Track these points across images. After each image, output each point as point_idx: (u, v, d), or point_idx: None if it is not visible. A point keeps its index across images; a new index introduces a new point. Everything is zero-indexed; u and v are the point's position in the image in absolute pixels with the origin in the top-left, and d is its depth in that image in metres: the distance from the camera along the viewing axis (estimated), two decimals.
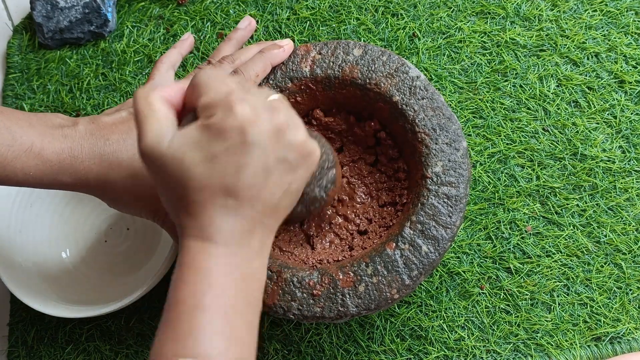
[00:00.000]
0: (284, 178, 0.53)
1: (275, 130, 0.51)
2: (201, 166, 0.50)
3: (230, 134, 0.50)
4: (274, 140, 0.51)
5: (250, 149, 0.50)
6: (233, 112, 0.49)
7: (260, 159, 0.51)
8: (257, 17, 0.89)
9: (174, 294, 0.52)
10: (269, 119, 0.51)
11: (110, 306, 0.73)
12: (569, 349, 0.74)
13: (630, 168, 0.79)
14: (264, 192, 0.52)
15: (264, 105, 0.52)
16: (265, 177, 0.52)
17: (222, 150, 0.50)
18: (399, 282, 0.63)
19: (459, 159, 0.65)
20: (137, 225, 0.84)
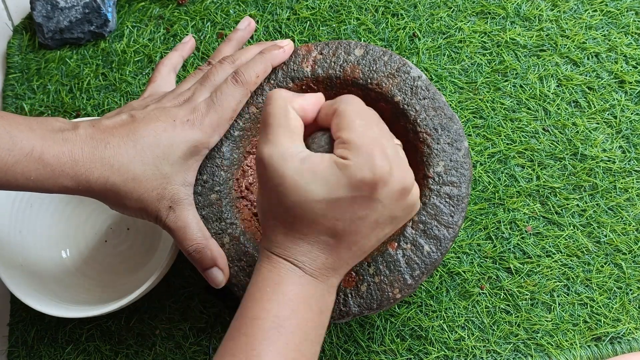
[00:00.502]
0: (386, 230, 0.54)
1: (401, 192, 0.52)
2: (321, 204, 0.50)
3: (363, 186, 0.50)
4: (396, 201, 0.52)
5: (374, 205, 0.51)
6: (373, 165, 0.50)
7: (377, 215, 0.52)
8: (257, 17, 0.89)
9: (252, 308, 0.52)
10: (401, 179, 0.51)
11: (110, 306, 0.73)
12: (569, 349, 0.74)
13: (631, 168, 0.79)
14: (364, 240, 0.53)
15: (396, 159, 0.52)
16: (373, 229, 0.53)
17: (347, 197, 0.50)
18: (401, 281, 0.63)
19: (460, 158, 0.65)
20: (137, 225, 0.84)
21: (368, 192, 0.50)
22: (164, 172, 0.64)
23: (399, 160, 0.52)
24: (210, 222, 0.67)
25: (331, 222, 0.51)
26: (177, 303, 0.80)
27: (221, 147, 0.68)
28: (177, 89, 0.70)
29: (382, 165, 0.50)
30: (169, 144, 0.64)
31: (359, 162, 0.50)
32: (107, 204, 0.66)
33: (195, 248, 0.65)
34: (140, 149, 0.63)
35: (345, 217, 0.51)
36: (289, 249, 0.53)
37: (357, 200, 0.50)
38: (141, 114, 0.65)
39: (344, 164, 0.50)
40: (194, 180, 0.67)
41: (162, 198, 0.64)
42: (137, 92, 0.87)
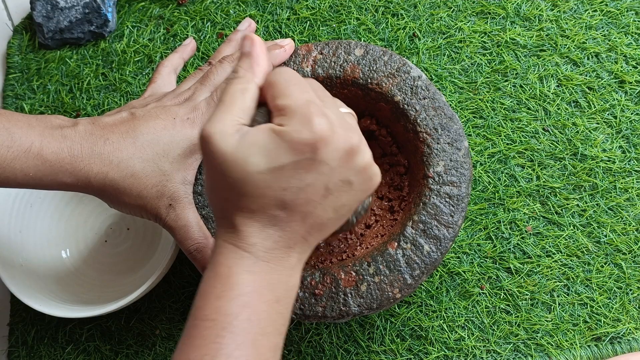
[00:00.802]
0: (341, 199, 0.52)
1: (348, 151, 0.50)
2: (264, 175, 0.49)
3: (304, 148, 0.48)
4: (344, 161, 0.50)
5: (319, 167, 0.49)
6: (311, 124, 0.48)
7: (325, 178, 0.50)
8: (257, 17, 0.89)
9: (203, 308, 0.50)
10: (345, 138, 0.50)
11: (110, 306, 0.73)
12: (569, 349, 0.74)
13: (631, 168, 0.79)
14: (318, 209, 0.51)
15: (340, 120, 0.50)
16: (324, 195, 0.51)
17: (290, 163, 0.48)
18: (401, 281, 0.63)
19: (460, 158, 0.65)
20: (137, 225, 0.84)
21: (310, 153, 0.48)
22: (163, 170, 0.64)
23: (342, 122, 0.50)
24: (211, 221, 0.67)
25: (278, 193, 0.49)
26: (177, 303, 0.80)
27: None
28: (177, 88, 0.70)
29: (320, 124, 0.48)
30: (169, 142, 0.64)
31: (296, 124, 0.48)
32: (106, 201, 0.65)
33: (196, 247, 0.65)
34: (140, 146, 0.63)
35: (292, 185, 0.49)
36: (238, 233, 0.51)
37: (300, 164, 0.48)
38: (141, 112, 0.65)
39: (281, 130, 0.48)
40: (194, 179, 0.67)
41: (162, 196, 0.64)
42: (137, 92, 0.87)
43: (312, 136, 0.48)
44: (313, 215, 0.51)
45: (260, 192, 0.49)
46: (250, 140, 0.49)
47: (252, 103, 0.51)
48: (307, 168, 0.49)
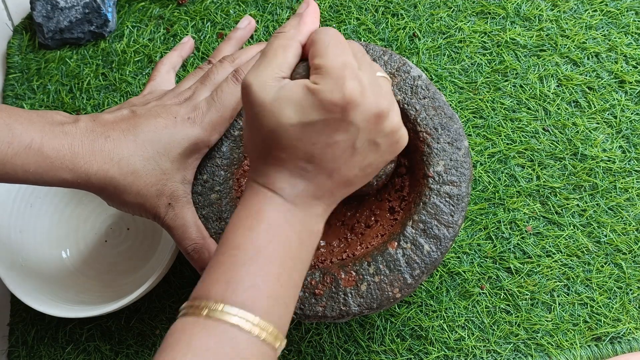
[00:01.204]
0: (368, 158, 0.54)
1: (377, 115, 0.52)
2: (295, 128, 0.50)
3: (334, 108, 0.50)
4: (372, 124, 0.52)
5: (347, 127, 0.51)
6: (343, 87, 0.50)
7: (353, 138, 0.52)
8: (257, 17, 0.89)
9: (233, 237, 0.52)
10: (374, 103, 0.51)
11: (110, 306, 0.73)
12: (569, 349, 0.74)
13: (631, 168, 0.79)
14: (344, 167, 0.53)
15: (372, 86, 0.52)
16: (351, 154, 0.52)
17: (320, 120, 0.50)
18: (401, 281, 0.63)
19: (460, 158, 0.65)
20: (137, 225, 0.84)
21: (340, 114, 0.50)
22: (164, 168, 0.64)
23: (375, 87, 0.52)
24: (211, 221, 0.67)
25: (307, 146, 0.51)
26: (177, 303, 0.80)
27: (221, 146, 0.69)
28: (177, 87, 0.70)
29: (352, 87, 0.50)
30: (169, 141, 0.64)
31: (329, 84, 0.50)
32: (105, 199, 0.65)
33: (194, 247, 0.65)
34: (141, 144, 0.63)
35: (321, 141, 0.51)
36: (269, 177, 0.53)
37: (330, 123, 0.50)
38: (142, 110, 0.65)
39: (315, 88, 0.50)
40: (193, 179, 0.67)
41: (162, 194, 0.64)
42: (137, 92, 0.87)
43: (343, 98, 0.50)
44: (340, 172, 0.53)
45: (291, 144, 0.51)
46: (285, 94, 0.51)
47: (293, 59, 0.54)
48: (336, 127, 0.51)
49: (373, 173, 0.56)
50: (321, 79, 0.50)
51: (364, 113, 0.51)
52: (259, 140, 0.53)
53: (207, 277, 0.51)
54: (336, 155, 0.52)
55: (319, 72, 0.51)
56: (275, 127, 0.51)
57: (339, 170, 0.53)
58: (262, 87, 0.51)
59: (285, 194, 0.53)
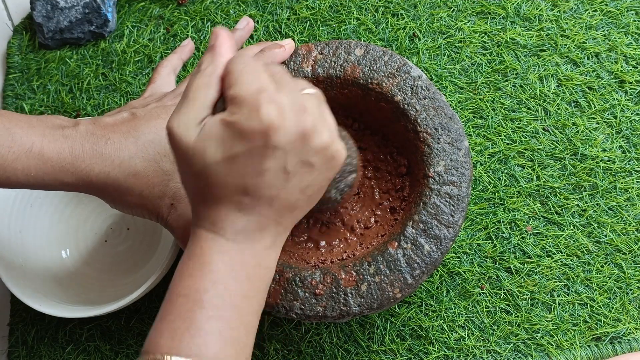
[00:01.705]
0: (305, 179, 0.52)
1: (301, 135, 0.50)
2: (221, 164, 0.50)
3: (253, 136, 0.49)
4: (298, 144, 0.50)
5: (272, 153, 0.49)
6: (259, 114, 0.48)
7: (281, 162, 0.50)
8: (257, 17, 0.89)
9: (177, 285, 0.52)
10: (295, 123, 0.50)
11: (110, 306, 0.73)
12: (569, 349, 0.74)
13: (631, 168, 0.79)
14: (282, 193, 0.52)
15: (293, 106, 0.50)
16: (285, 179, 0.51)
17: (243, 152, 0.49)
18: (401, 281, 0.63)
19: (460, 158, 0.65)
20: (137, 225, 0.84)
21: (262, 140, 0.49)
22: (165, 169, 0.64)
23: (297, 106, 0.50)
24: None
25: (238, 180, 0.50)
26: None
27: None
28: (177, 88, 0.70)
29: (269, 111, 0.48)
30: None
31: (245, 113, 0.49)
32: (107, 201, 0.65)
33: None
34: (142, 146, 0.63)
35: (250, 172, 0.50)
36: (208, 218, 0.52)
37: (254, 151, 0.49)
38: (142, 112, 0.65)
39: (231, 120, 0.49)
40: None
41: (164, 195, 0.64)
42: (137, 92, 0.87)
43: (260, 124, 0.48)
44: (279, 198, 0.52)
45: (221, 181, 0.50)
46: (206, 132, 0.50)
47: (214, 95, 0.52)
48: (261, 154, 0.49)
49: (318, 193, 0.55)
50: (237, 109, 0.49)
51: (286, 135, 0.49)
52: (192, 183, 0.52)
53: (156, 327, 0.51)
54: (270, 183, 0.51)
55: (233, 102, 0.50)
56: (203, 167, 0.50)
57: (278, 196, 0.52)
58: (185, 130, 0.50)
59: (226, 233, 0.52)
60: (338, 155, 0.53)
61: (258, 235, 0.53)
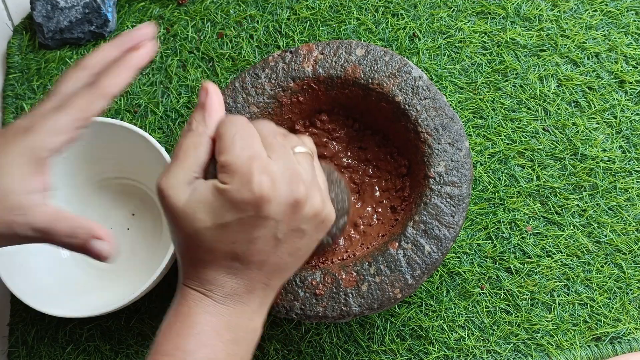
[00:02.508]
0: (296, 244, 0.53)
1: (292, 205, 0.50)
2: (211, 230, 0.50)
3: (245, 206, 0.49)
4: (290, 214, 0.51)
5: (264, 222, 0.50)
6: (251, 185, 0.48)
7: (272, 231, 0.50)
8: (257, 17, 0.89)
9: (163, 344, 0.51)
10: (287, 193, 0.50)
11: (110, 306, 0.73)
12: (569, 349, 0.74)
13: (631, 168, 0.79)
14: (272, 257, 0.52)
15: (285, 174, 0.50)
16: (275, 245, 0.51)
17: (234, 220, 0.49)
18: (401, 281, 0.63)
19: (461, 158, 0.65)
20: (137, 225, 0.84)
21: (253, 211, 0.49)
22: None
23: (290, 172, 0.51)
24: None
25: (228, 247, 0.50)
26: None
27: None
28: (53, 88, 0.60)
29: (261, 183, 0.48)
30: None
31: (237, 183, 0.49)
32: None
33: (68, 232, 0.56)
34: None
35: (240, 239, 0.50)
36: (197, 278, 0.52)
37: (245, 221, 0.49)
38: None
39: (223, 188, 0.49)
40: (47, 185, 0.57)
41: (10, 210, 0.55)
42: (137, 92, 0.87)
43: (252, 195, 0.48)
44: (269, 263, 0.52)
45: (211, 246, 0.50)
46: (197, 197, 0.50)
47: (205, 156, 0.52)
48: (252, 224, 0.50)
49: (307, 253, 0.55)
50: (228, 177, 0.49)
51: (279, 206, 0.49)
52: (182, 243, 0.52)
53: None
54: (260, 249, 0.51)
55: (225, 170, 0.49)
56: (192, 231, 0.50)
57: (268, 261, 0.52)
58: (175, 192, 0.50)
59: (214, 295, 0.52)
60: (328, 219, 0.54)
61: (246, 298, 0.53)
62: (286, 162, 0.51)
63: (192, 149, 0.52)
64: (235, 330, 0.52)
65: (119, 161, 0.82)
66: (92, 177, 0.84)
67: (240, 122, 0.52)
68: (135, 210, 0.84)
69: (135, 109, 0.87)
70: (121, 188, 0.84)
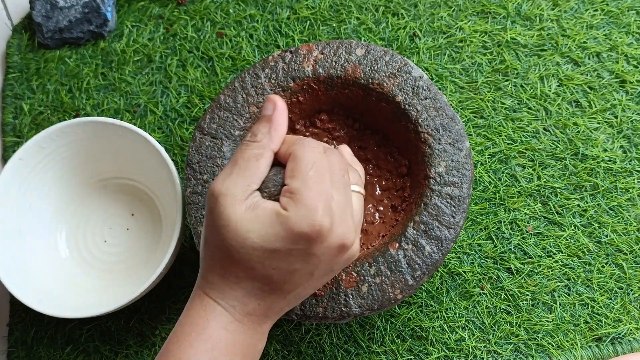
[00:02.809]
0: (323, 280, 0.54)
1: (339, 248, 0.51)
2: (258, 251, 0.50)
3: (299, 239, 0.49)
4: (334, 256, 0.51)
5: (311, 259, 0.50)
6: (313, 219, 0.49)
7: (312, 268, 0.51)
8: (257, 16, 0.89)
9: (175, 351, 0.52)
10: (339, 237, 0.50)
11: (110, 306, 0.73)
12: (570, 350, 0.74)
13: (632, 168, 0.79)
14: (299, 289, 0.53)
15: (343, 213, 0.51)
16: (307, 279, 0.52)
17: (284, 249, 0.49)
18: (402, 282, 0.63)
19: (462, 159, 0.65)
20: (137, 225, 0.83)
21: (305, 246, 0.49)
22: None
23: (345, 214, 0.51)
24: None
25: (267, 270, 0.50)
26: (177, 303, 0.80)
27: (221, 147, 0.68)
28: None
29: (322, 221, 0.49)
30: None
31: (299, 215, 0.49)
32: None
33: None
34: None
35: (281, 267, 0.50)
36: (222, 292, 0.52)
37: (293, 253, 0.50)
38: None
39: (284, 215, 0.49)
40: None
41: None
42: (137, 92, 0.87)
43: (311, 232, 0.49)
44: (294, 293, 0.53)
45: (251, 265, 0.50)
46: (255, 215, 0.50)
47: (265, 168, 0.52)
48: (299, 257, 0.50)
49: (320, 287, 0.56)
50: (293, 205, 0.49)
51: (328, 248, 0.50)
52: (218, 253, 0.52)
53: None
54: (294, 281, 0.51)
55: (291, 197, 0.50)
56: (239, 246, 0.50)
57: (294, 291, 0.53)
58: (232, 201, 0.50)
59: (235, 311, 0.52)
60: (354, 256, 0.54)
61: (262, 320, 0.53)
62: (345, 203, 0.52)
63: (254, 160, 0.52)
64: (245, 349, 0.53)
65: (118, 161, 0.82)
66: (92, 177, 0.84)
67: (319, 152, 0.52)
68: (135, 210, 0.84)
69: (134, 109, 0.86)
70: (121, 188, 0.84)
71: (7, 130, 0.88)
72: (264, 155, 0.52)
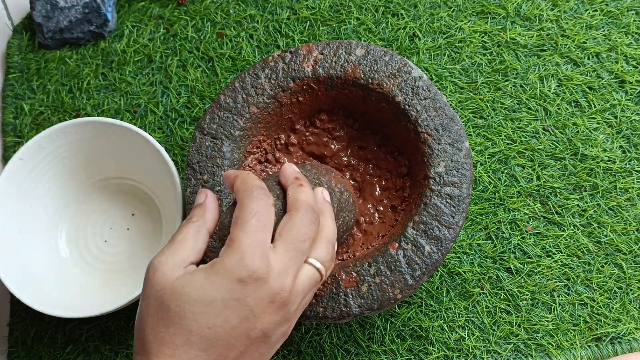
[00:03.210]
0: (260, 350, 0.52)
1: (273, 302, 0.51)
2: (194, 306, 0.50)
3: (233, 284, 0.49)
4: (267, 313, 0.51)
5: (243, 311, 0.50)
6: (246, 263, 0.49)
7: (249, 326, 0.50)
8: (257, 17, 0.89)
9: None
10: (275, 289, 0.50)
11: (110, 306, 0.73)
12: (569, 349, 0.74)
13: (631, 168, 0.79)
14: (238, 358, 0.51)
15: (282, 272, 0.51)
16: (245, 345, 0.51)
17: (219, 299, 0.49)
18: (401, 282, 0.63)
19: (461, 159, 0.65)
20: (137, 225, 0.83)
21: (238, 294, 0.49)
22: None
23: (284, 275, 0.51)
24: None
25: (203, 330, 0.49)
26: None
27: (221, 147, 0.68)
28: None
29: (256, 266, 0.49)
30: None
31: (234, 259, 0.49)
32: None
33: None
34: None
35: (217, 325, 0.49)
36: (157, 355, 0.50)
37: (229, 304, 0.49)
38: None
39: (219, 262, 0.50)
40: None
41: None
42: (137, 92, 0.87)
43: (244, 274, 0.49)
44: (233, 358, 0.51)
45: (187, 325, 0.49)
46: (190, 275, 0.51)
47: (202, 245, 0.55)
48: (232, 309, 0.49)
49: None
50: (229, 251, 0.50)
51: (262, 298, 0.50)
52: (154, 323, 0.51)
53: None
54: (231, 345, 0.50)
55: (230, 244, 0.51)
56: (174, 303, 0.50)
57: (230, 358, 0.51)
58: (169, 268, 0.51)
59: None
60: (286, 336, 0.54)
61: None
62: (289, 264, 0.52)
63: (192, 236, 0.54)
64: None
65: (118, 161, 0.82)
66: (92, 177, 0.84)
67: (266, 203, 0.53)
68: (135, 210, 0.84)
69: (135, 109, 0.87)
70: (121, 188, 0.84)
71: (8, 130, 0.88)
72: (200, 232, 0.55)
